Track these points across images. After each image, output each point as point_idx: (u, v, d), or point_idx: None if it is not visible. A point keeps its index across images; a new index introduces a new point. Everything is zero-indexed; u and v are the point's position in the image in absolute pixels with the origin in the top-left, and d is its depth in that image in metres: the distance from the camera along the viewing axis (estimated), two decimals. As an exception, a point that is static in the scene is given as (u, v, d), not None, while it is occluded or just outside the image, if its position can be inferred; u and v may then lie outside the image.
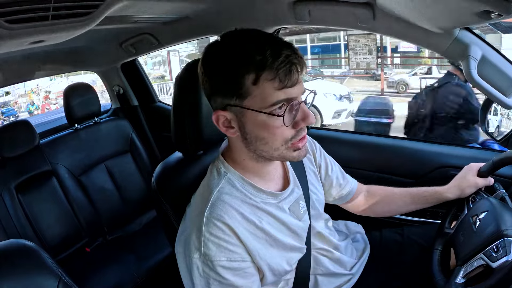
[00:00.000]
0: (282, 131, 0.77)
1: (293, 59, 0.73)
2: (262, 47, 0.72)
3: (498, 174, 1.04)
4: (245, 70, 0.72)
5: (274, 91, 0.73)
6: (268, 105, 0.74)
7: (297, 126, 0.78)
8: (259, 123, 0.76)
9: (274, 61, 0.71)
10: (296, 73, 0.73)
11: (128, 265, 1.79)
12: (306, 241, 0.94)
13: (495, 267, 0.76)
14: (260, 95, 0.73)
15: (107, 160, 2.14)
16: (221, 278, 0.77)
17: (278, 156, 0.82)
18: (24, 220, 1.78)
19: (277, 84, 0.72)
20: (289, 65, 0.72)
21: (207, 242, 0.77)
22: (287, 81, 0.72)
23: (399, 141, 1.51)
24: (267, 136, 0.78)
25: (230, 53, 0.75)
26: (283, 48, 0.73)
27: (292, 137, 0.79)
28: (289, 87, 0.73)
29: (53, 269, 0.91)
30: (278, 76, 0.71)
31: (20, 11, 0.81)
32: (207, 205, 0.81)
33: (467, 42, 0.99)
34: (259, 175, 0.88)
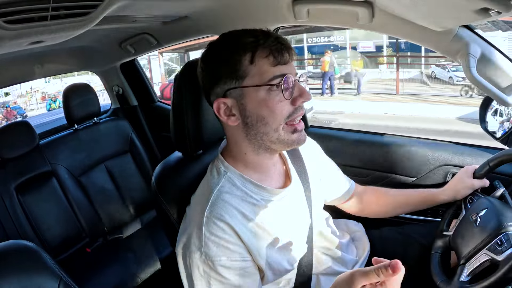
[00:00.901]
0: (281, 107, 0.80)
1: (282, 41, 0.81)
2: (253, 32, 0.81)
3: (498, 172, 1.04)
4: (241, 51, 0.79)
5: (270, 68, 0.79)
6: (266, 80, 0.78)
7: (295, 102, 0.81)
8: (259, 100, 0.79)
9: (266, 40, 0.79)
10: (287, 53, 0.80)
11: (129, 265, 1.79)
12: (308, 240, 0.94)
13: (501, 260, 0.77)
14: (258, 72, 0.79)
15: (107, 160, 2.14)
16: (222, 278, 0.77)
17: (277, 140, 0.82)
18: (24, 220, 1.78)
19: (272, 60, 0.78)
20: (280, 44, 0.80)
21: (208, 242, 0.77)
22: (280, 58, 0.79)
23: (399, 139, 1.50)
24: (267, 114, 0.80)
25: (226, 42, 0.83)
26: (272, 33, 0.82)
27: (290, 114, 0.81)
28: (282, 64, 0.80)
29: (53, 270, 0.91)
30: (272, 53, 0.78)
31: (19, 12, 0.81)
32: (207, 205, 0.81)
33: (466, 40, 0.99)
34: (259, 171, 0.88)
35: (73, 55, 2.08)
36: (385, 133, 1.56)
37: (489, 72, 1.04)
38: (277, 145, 0.84)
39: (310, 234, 0.95)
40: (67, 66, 2.29)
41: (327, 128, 1.77)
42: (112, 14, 1.02)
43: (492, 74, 1.04)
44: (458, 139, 1.45)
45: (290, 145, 0.85)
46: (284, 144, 0.84)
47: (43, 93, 16.14)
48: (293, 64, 0.84)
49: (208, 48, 0.85)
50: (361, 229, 1.20)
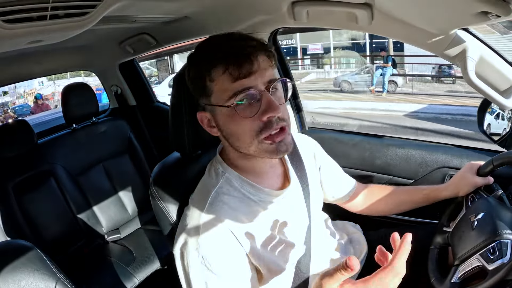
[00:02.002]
0: (247, 124, 0.77)
1: (244, 49, 0.75)
2: (216, 44, 0.78)
3: (496, 174, 1.04)
4: (203, 69, 0.77)
5: (229, 84, 0.75)
6: (227, 98, 0.76)
7: (262, 117, 0.76)
8: (226, 118, 0.78)
9: (223, 55, 0.75)
10: (249, 63, 0.74)
11: (126, 265, 1.79)
12: (306, 241, 0.94)
13: (491, 269, 0.77)
14: (219, 90, 0.77)
15: (105, 160, 2.14)
16: (219, 278, 0.77)
17: (255, 152, 0.80)
18: (22, 220, 1.78)
19: (229, 76, 0.74)
20: (237, 56, 0.74)
21: (205, 243, 0.77)
22: (238, 73, 0.74)
23: (398, 141, 1.51)
24: (236, 131, 0.79)
25: (195, 56, 0.81)
26: (235, 40, 0.77)
27: (261, 129, 0.77)
28: (243, 78, 0.74)
29: (51, 270, 0.91)
30: (228, 69, 0.74)
31: (18, 11, 0.81)
32: (205, 206, 0.81)
33: (465, 43, 1.00)
34: (255, 174, 0.88)
35: (72, 54, 2.08)
36: (384, 135, 1.56)
37: (487, 75, 1.04)
38: (257, 155, 0.82)
39: (308, 235, 0.95)
40: (66, 65, 2.29)
41: (325, 130, 1.77)
42: (111, 14, 1.01)
43: (491, 77, 1.04)
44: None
45: (269, 156, 0.82)
46: (263, 155, 0.81)
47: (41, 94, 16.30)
48: (264, 69, 0.77)
49: (187, 59, 0.84)
50: (359, 231, 1.20)
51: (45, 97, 15.64)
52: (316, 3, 1.11)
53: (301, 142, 1.07)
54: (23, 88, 15.59)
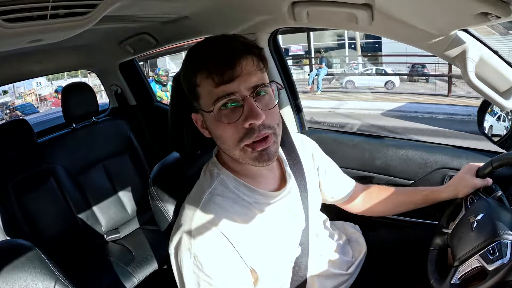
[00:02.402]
0: (229, 130, 0.76)
1: (226, 54, 0.74)
2: (202, 49, 0.78)
3: (496, 175, 1.04)
4: (191, 73, 0.77)
5: (213, 89, 0.75)
6: (211, 103, 0.76)
7: (244, 123, 0.75)
8: (212, 122, 0.79)
9: (206, 60, 0.74)
10: (231, 68, 0.73)
11: (126, 265, 1.79)
12: (303, 242, 0.94)
13: (491, 270, 0.77)
14: (204, 95, 0.77)
15: (105, 160, 2.14)
16: (210, 279, 0.76)
17: (240, 158, 0.80)
18: (21, 219, 1.78)
19: (211, 81, 0.74)
20: (219, 61, 0.73)
21: (197, 243, 0.77)
22: (219, 78, 0.73)
23: (398, 142, 1.51)
24: (220, 135, 0.79)
25: (186, 61, 0.81)
26: (221, 46, 0.76)
27: (242, 136, 0.76)
28: (226, 83, 0.73)
29: (50, 269, 0.91)
30: (211, 74, 0.74)
31: (18, 10, 0.81)
32: (198, 206, 0.81)
33: (465, 43, 1.00)
34: (250, 176, 0.88)
35: (72, 54, 2.08)
36: (384, 135, 1.56)
37: (487, 76, 1.04)
38: (243, 161, 0.81)
39: (305, 236, 0.95)
40: (66, 64, 2.29)
41: (325, 130, 1.77)
42: (111, 13, 1.02)
43: (491, 78, 1.04)
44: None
45: (253, 163, 0.80)
46: (248, 162, 0.80)
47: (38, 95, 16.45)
48: (252, 74, 0.76)
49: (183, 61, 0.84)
50: (358, 231, 1.20)
51: (43, 97, 15.80)
52: (316, 4, 1.11)
53: (300, 143, 1.07)
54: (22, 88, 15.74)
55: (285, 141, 1.01)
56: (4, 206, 1.75)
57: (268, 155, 0.78)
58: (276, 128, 0.80)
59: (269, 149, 0.78)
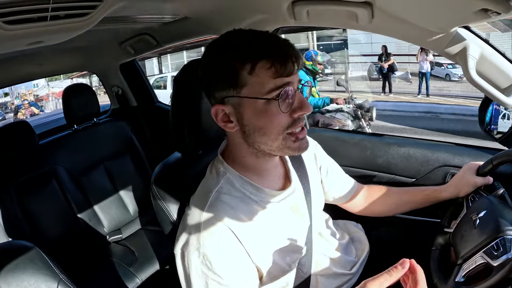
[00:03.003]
0: (279, 118, 0.77)
1: (288, 50, 0.76)
2: (257, 38, 0.77)
3: (498, 172, 1.03)
4: (241, 60, 0.75)
5: (270, 79, 0.75)
6: (265, 92, 0.75)
7: (294, 113, 0.78)
8: (257, 111, 0.77)
9: (269, 51, 0.75)
10: (292, 63, 0.76)
11: (128, 266, 1.79)
12: (307, 241, 0.94)
13: (495, 265, 0.76)
14: (257, 83, 0.75)
15: (106, 161, 2.14)
16: (219, 278, 0.76)
17: (277, 148, 0.81)
18: (23, 221, 1.78)
19: (273, 73, 0.74)
20: (284, 55, 0.75)
21: (206, 242, 0.77)
22: (282, 70, 0.75)
23: (399, 140, 1.51)
24: (264, 125, 0.78)
25: (226, 46, 0.79)
26: (278, 40, 0.78)
27: (289, 125, 0.79)
28: (284, 76, 0.75)
29: (52, 270, 0.91)
30: (274, 65, 0.74)
31: (18, 12, 0.81)
32: (205, 205, 0.81)
33: (466, 40, 0.99)
34: (258, 174, 0.88)
35: (73, 55, 2.08)
36: (385, 134, 1.56)
37: (488, 73, 1.04)
38: (277, 152, 0.83)
39: (309, 235, 0.95)
40: (66, 66, 2.29)
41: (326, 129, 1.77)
42: (111, 14, 1.02)
43: (492, 75, 1.04)
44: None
45: (291, 153, 0.84)
46: (285, 152, 0.83)
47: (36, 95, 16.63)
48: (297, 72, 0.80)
49: (208, 49, 0.81)
50: (361, 230, 1.20)
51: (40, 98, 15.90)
52: (316, 2, 1.11)
53: None
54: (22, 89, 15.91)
55: None
56: (6, 207, 1.75)
57: (306, 143, 0.83)
58: None
59: (306, 138, 0.83)
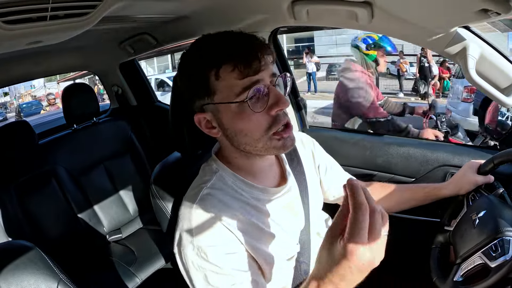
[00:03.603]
0: (257, 119, 0.77)
1: (252, 47, 0.75)
2: (219, 43, 0.77)
3: (497, 172, 1.04)
4: (207, 68, 0.76)
5: (236, 81, 0.75)
6: (235, 94, 0.75)
7: (270, 111, 0.76)
8: (233, 115, 0.77)
9: (229, 53, 0.75)
10: (257, 61, 0.75)
11: (128, 265, 1.79)
12: (305, 241, 0.94)
13: (493, 266, 0.77)
14: (225, 88, 0.76)
15: (106, 160, 2.14)
16: (217, 268, 0.76)
17: (263, 148, 0.80)
18: (23, 220, 1.78)
19: (238, 74, 0.74)
20: (246, 54, 0.74)
21: (198, 234, 0.77)
22: (247, 70, 0.74)
23: (398, 139, 1.51)
24: (244, 127, 0.78)
25: (194, 55, 0.80)
26: (241, 39, 0.77)
27: (270, 125, 0.77)
28: (251, 75, 0.75)
29: (52, 270, 0.91)
30: (237, 67, 0.74)
31: (18, 12, 0.81)
32: (196, 200, 0.81)
33: (466, 40, 0.99)
34: (251, 173, 0.88)
35: (72, 55, 2.08)
36: (385, 133, 1.56)
37: (488, 73, 1.04)
38: (263, 152, 0.82)
39: (307, 235, 0.94)
40: (66, 66, 2.29)
41: (326, 129, 1.77)
42: (111, 14, 1.01)
43: (492, 75, 1.04)
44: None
45: (277, 152, 0.82)
46: (270, 152, 0.82)
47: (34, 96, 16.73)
48: (269, 65, 0.78)
49: (181, 60, 0.82)
50: (360, 229, 1.19)
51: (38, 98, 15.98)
52: (316, 2, 1.11)
53: (299, 142, 1.06)
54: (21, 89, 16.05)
55: None
56: (6, 207, 1.76)
57: (291, 140, 0.81)
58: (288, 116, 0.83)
59: (291, 135, 0.81)
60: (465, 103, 5.27)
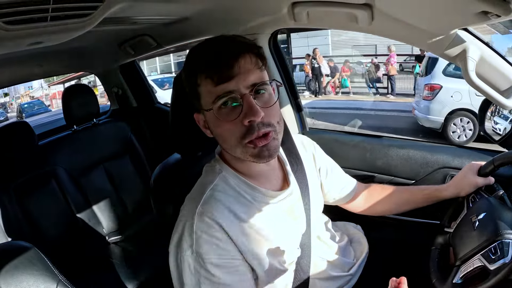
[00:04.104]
0: (230, 128, 0.78)
1: (226, 54, 0.76)
2: (201, 51, 0.80)
3: (497, 174, 1.04)
4: (192, 74, 0.79)
5: (212, 88, 0.76)
6: (211, 102, 0.77)
7: (244, 120, 0.76)
8: (212, 120, 0.80)
9: (204, 61, 0.77)
10: (228, 67, 0.75)
11: (127, 267, 1.79)
12: (305, 244, 0.94)
13: (492, 269, 0.76)
14: (204, 94, 0.78)
15: (106, 161, 2.15)
16: (211, 276, 0.76)
17: (241, 155, 0.81)
18: (23, 221, 1.78)
19: (211, 81, 0.76)
20: (218, 61, 0.75)
21: (199, 240, 0.77)
22: (217, 77, 0.75)
23: (398, 141, 1.51)
24: (221, 133, 0.81)
25: (187, 61, 0.83)
26: (218, 46, 0.79)
27: (244, 134, 0.77)
28: (225, 82, 0.75)
29: (52, 271, 0.91)
30: (210, 74, 0.75)
31: (18, 12, 0.81)
32: (199, 202, 0.81)
33: (466, 42, 0.99)
34: (252, 176, 0.88)
35: (73, 56, 2.08)
36: (385, 135, 1.56)
37: (488, 75, 1.04)
38: (244, 158, 0.82)
39: (307, 239, 0.94)
40: (66, 66, 2.30)
41: (326, 131, 1.77)
42: (111, 15, 1.02)
43: (491, 77, 1.04)
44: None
45: (254, 160, 0.81)
46: (249, 160, 0.81)
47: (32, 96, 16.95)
48: (250, 72, 0.76)
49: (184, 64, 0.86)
50: (360, 231, 1.20)
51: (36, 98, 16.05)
52: (316, 4, 1.11)
53: (300, 144, 1.07)
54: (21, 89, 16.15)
55: (286, 143, 1.01)
56: (5, 208, 1.75)
57: (268, 151, 0.79)
58: (277, 126, 0.81)
59: (269, 145, 0.79)
60: (426, 101, 5.43)
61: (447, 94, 5.19)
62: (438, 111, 5.31)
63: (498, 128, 1.26)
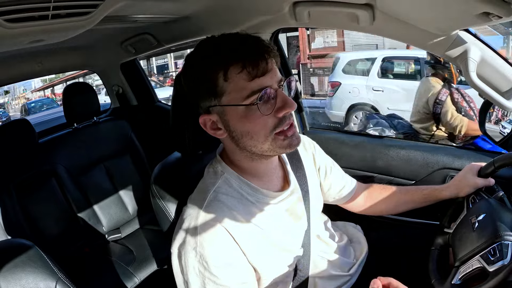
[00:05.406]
0: (263, 121, 0.78)
1: (259, 48, 0.76)
2: (226, 44, 0.77)
3: (497, 176, 1.04)
4: (214, 69, 0.76)
5: (246, 83, 0.75)
6: (243, 97, 0.76)
7: (278, 113, 0.78)
8: (240, 117, 0.78)
9: (237, 53, 0.75)
10: (264, 62, 0.76)
11: (127, 265, 1.79)
12: (305, 244, 0.94)
13: (491, 271, 0.76)
14: (234, 89, 0.76)
15: (106, 160, 2.14)
16: (216, 278, 0.77)
17: (268, 149, 0.81)
18: (23, 219, 1.78)
19: (246, 75, 0.75)
20: (254, 55, 0.75)
21: (203, 242, 0.77)
22: (255, 71, 0.74)
23: (399, 142, 1.51)
24: (251, 129, 0.79)
25: (200, 57, 0.80)
26: (248, 41, 0.78)
27: (275, 125, 0.79)
28: (260, 77, 0.75)
29: (51, 269, 0.91)
30: (245, 67, 0.74)
31: (20, 10, 0.81)
32: (203, 205, 0.81)
33: (467, 43, 0.99)
34: (256, 176, 0.88)
35: (74, 54, 2.08)
36: (385, 136, 1.56)
37: (489, 76, 1.04)
38: (269, 153, 0.83)
39: (307, 238, 0.95)
40: (67, 65, 2.29)
41: (327, 131, 1.77)
42: (112, 13, 1.02)
43: (492, 78, 1.04)
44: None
45: (283, 151, 0.84)
46: (276, 152, 0.83)
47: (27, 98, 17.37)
48: (275, 68, 0.79)
49: (186, 62, 0.83)
50: (360, 231, 1.20)
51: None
52: (318, 4, 1.11)
53: (301, 144, 1.07)
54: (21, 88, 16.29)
55: None
56: (5, 206, 1.75)
57: (297, 139, 0.82)
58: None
59: (296, 134, 0.83)
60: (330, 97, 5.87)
61: (346, 90, 5.63)
62: (338, 106, 5.75)
63: (506, 133, 1.26)
